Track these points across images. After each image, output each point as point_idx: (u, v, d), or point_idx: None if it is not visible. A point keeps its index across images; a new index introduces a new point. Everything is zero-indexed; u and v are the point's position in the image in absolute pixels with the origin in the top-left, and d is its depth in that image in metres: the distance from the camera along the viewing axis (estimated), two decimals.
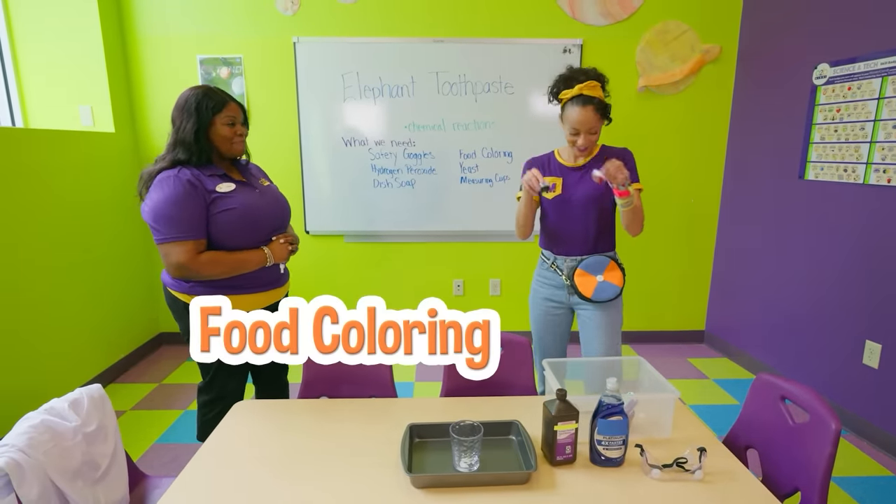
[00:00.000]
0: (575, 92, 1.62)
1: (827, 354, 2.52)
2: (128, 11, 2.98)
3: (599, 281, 1.73)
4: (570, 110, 1.65)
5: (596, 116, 1.63)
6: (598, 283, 1.73)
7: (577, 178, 1.74)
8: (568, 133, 1.68)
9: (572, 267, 1.76)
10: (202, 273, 1.48)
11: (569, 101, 1.65)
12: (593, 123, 1.64)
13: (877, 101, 2.22)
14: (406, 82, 3.04)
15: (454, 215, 3.22)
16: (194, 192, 1.46)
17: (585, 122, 1.63)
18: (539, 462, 1.15)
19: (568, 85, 1.65)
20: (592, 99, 1.62)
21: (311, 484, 1.09)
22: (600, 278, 1.73)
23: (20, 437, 1.06)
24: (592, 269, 1.74)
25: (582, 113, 1.62)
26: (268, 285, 1.64)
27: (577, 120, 1.63)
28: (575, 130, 1.65)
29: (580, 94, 1.62)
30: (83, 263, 2.70)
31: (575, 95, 1.63)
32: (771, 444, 1.30)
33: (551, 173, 1.77)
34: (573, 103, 1.63)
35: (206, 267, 1.48)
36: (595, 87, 1.63)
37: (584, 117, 1.62)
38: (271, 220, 1.64)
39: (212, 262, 1.49)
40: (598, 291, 1.73)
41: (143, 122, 3.11)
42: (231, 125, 1.55)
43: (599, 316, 1.76)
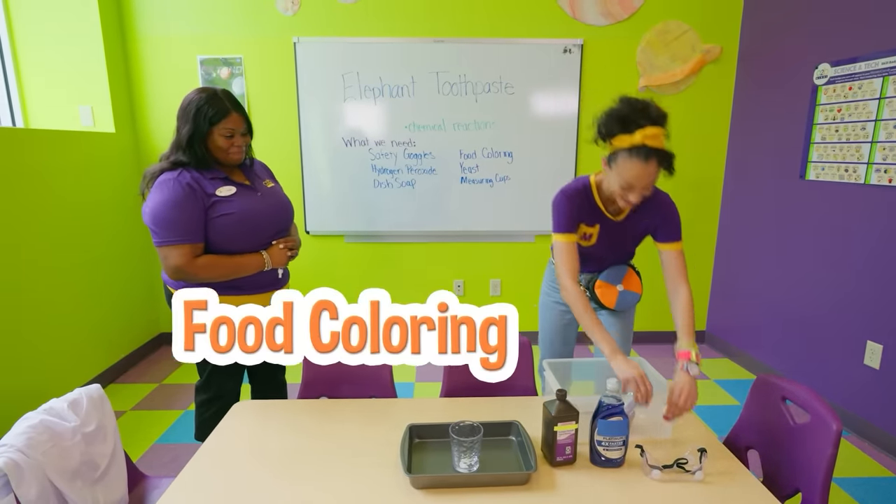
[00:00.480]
0: (636, 141, 1.31)
1: (828, 355, 2.51)
2: (128, 12, 2.98)
3: (620, 291, 1.67)
4: (626, 162, 1.34)
5: (657, 171, 1.35)
6: (619, 292, 1.67)
7: (615, 229, 1.58)
8: (618, 185, 1.39)
9: (591, 279, 1.69)
10: (199, 276, 1.48)
11: (625, 149, 1.34)
12: (652, 180, 1.36)
13: (878, 101, 2.21)
14: (406, 82, 3.04)
15: (454, 215, 3.21)
16: (193, 196, 1.46)
17: (643, 179, 1.34)
18: (539, 463, 1.14)
19: (626, 128, 1.33)
20: (657, 151, 1.31)
21: (311, 484, 1.09)
22: (621, 288, 1.67)
23: (19, 437, 1.06)
24: (612, 278, 1.68)
25: (643, 169, 1.32)
26: (265, 288, 1.63)
27: (635, 176, 1.34)
28: (629, 185, 1.37)
29: (643, 145, 1.31)
30: (84, 263, 2.70)
31: (636, 146, 1.32)
32: (772, 444, 1.29)
33: (591, 220, 1.56)
34: (632, 155, 1.32)
35: (202, 270, 1.48)
36: (659, 136, 1.32)
37: (644, 174, 1.33)
38: (272, 224, 1.62)
39: (208, 265, 1.49)
40: (620, 301, 1.68)
41: (143, 122, 3.11)
42: (229, 136, 1.51)
43: (612, 318, 1.73)
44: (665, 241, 1.54)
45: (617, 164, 1.37)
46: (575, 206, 1.53)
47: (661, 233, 1.55)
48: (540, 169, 3.16)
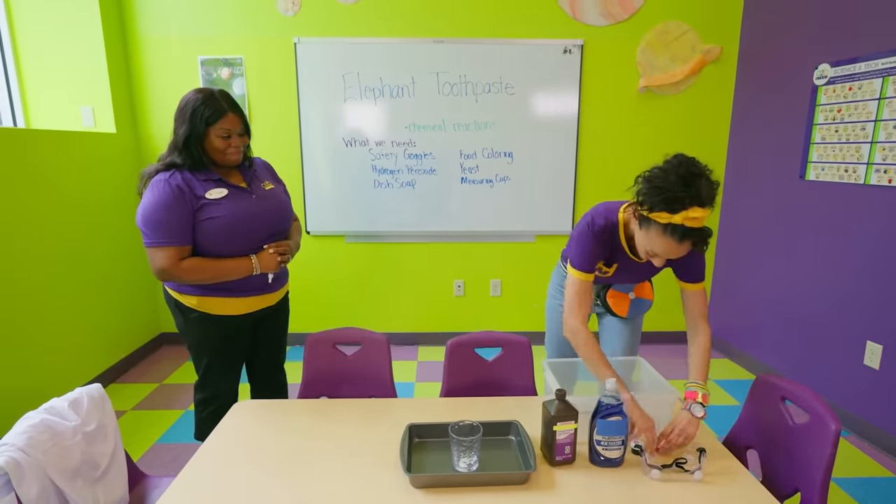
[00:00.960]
0: (676, 220, 1.19)
1: (827, 355, 2.51)
2: (129, 12, 2.98)
3: (632, 298, 1.66)
4: (658, 236, 1.24)
5: (688, 249, 1.25)
6: (631, 300, 1.66)
7: (634, 267, 1.52)
8: (643, 247, 1.31)
9: (603, 288, 1.67)
10: (184, 279, 1.48)
11: (661, 224, 1.22)
12: (681, 255, 1.28)
13: (877, 102, 2.21)
14: (406, 83, 3.05)
15: (455, 216, 3.22)
16: (182, 198, 1.45)
17: (672, 254, 1.27)
18: (538, 462, 1.15)
19: (669, 207, 1.19)
20: (694, 233, 1.20)
21: (311, 484, 1.09)
22: (632, 296, 1.66)
23: (20, 436, 1.06)
24: (624, 287, 1.66)
25: (675, 247, 1.24)
26: (254, 291, 1.62)
27: (663, 251, 1.26)
28: (655, 254, 1.30)
29: (681, 225, 1.20)
30: (84, 263, 2.71)
31: (674, 224, 1.20)
32: (771, 444, 1.30)
33: (612, 259, 1.50)
34: (666, 231, 1.21)
35: (187, 273, 1.47)
36: (701, 219, 1.20)
37: (673, 250, 1.25)
38: (265, 228, 1.60)
39: (193, 269, 1.48)
40: (632, 309, 1.67)
41: (144, 122, 3.12)
42: (226, 137, 1.50)
43: (622, 321, 1.71)
44: (688, 281, 1.45)
45: (649, 232, 1.26)
46: (598, 246, 1.44)
47: (685, 273, 1.45)
48: (540, 169, 3.17)
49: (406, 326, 3.40)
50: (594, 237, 1.42)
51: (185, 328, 1.62)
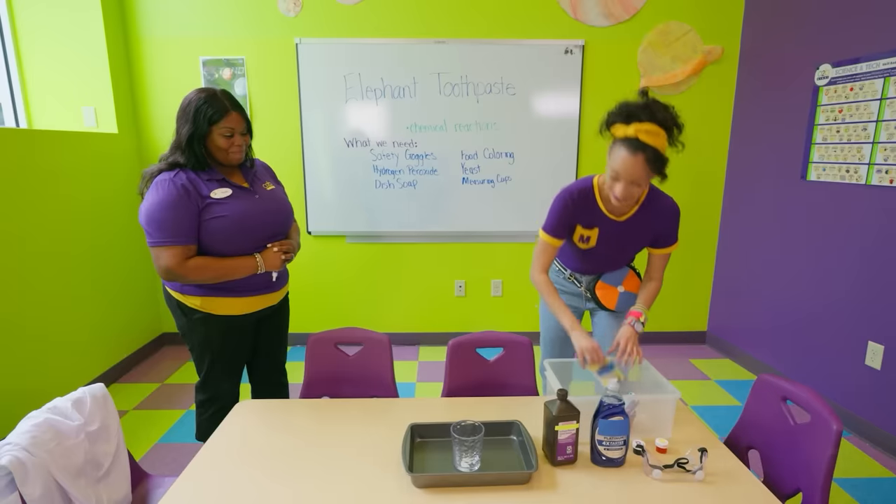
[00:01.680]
0: (629, 133, 1.32)
1: (829, 355, 2.51)
2: (131, 13, 2.99)
3: (621, 292, 1.69)
4: (617, 151, 1.36)
5: (644, 169, 1.33)
6: (620, 293, 1.69)
7: (615, 231, 1.56)
8: (608, 175, 1.41)
9: (592, 280, 1.71)
10: (189, 278, 1.48)
11: (620, 139, 1.35)
12: (639, 176, 1.34)
13: (879, 102, 2.21)
14: (408, 83, 3.05)
15: (456, 216, 3.22)
16: (187, 198, 1.46)
17: (628, 171, 1.34)
18: (540, 462, 1.15)
19: (625, 120, 1.34)
20: (647, 148, 1.31)
21: (313, 483, 1.10)
22: (621, 289, 1.69)
23: (23, 435, 1.07)
24: (612, 280, 1.70)
25: (629, 160, 1.33)
26: (258, 290, 1.63)
27: (620, 165, 1.35)
28: (616, 175, 1.37)
29: (635, 138, 1.31)
30: (86, 264, 2.71)
31: (629, 137, 1.32)
32: (772, 444, 1.30)
33: (590, 223, 1.55)
34: (623, 145, 1.34)
35: (193, 272, 1.48)
36: (656, 135, 1.31)
37: (629, 165, 1.33)
38: (267, 227, 1.61)
39: (199, 268, 1.48)
40: (621, 302, 1.69)
41: (145, 123, 3.13)
42: (229, 136, 1.51)
43: (614, 318, 1.74)
44: (661, 247, 1.61)
45: (611, 154, 1.40)
46: (570, 210, 1.54)
47: (660, 240, 1.59)
48: (541, 169, 3.17)
49: (407, 326, 3.40)
50: (565, 202, 1.54)
51: (188, 329, 1.62)
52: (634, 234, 1.58)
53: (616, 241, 1.59)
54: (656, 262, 1.62)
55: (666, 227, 1.56)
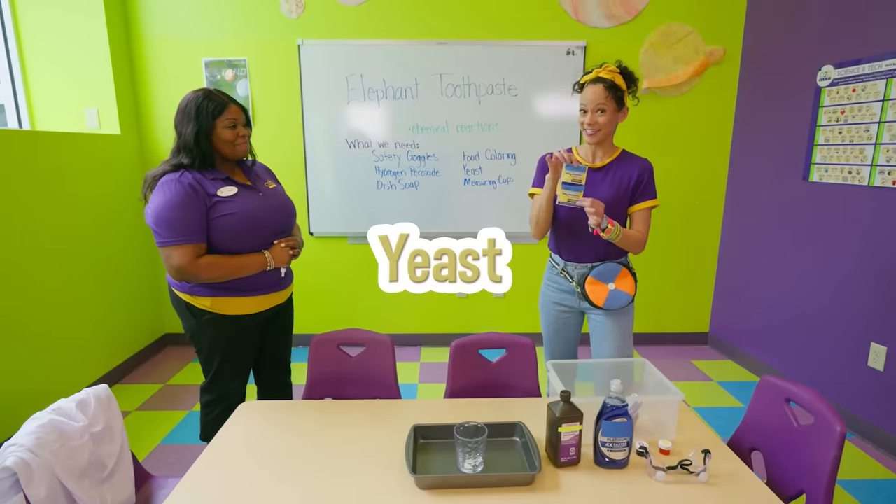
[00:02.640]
0: (592, 76, 1.66)
1: (832, 357, 2.51)
2: (133, 14, 3.00)
3: (611, 289, 1.69)
4: (583, 92, 1.68)
5: (604, 94, 1.62)
6: (610, 291, 1.69)
7: (594, 179, 1.69)
8: (579, 116, 1.69)
9: (583, 274, 1.71)
10: (201, 276, 1.49)
11: (583, 83, 1.69)
12: (600, 101, 1.62)
13: (881, 103, 2.21)
14: (409, 84, 3.05)
15: (458, 217, 3.22)
16: (195, 197, 1.47)
17: (593, 99, 1.63)
18: (543, 463, 1.15)
19: (588, 72, 1.70)
20: (604, 79, 1.63)
21: (316, 484, 1.10)
22: (612, 286, 1.69)
23: (28, 436, 1.07)
24: (604, 276, 1.69)
25: (591, 90, 1.64)
26: (268, 288, 1.64)
27: (585, 97, 1.65)
28: (583, 107, 1.66)
29: (596, 76, 1.64)
30: (89, 264, 2.72)
31: (591, 79, 1.65)
32: (775, 446, 1.30)
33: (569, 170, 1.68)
34: (586, 84, 1.67)
35: (205, 270, 1.48)
36: (612, 72, 1.64)
37: (591, 94, 1.63)
38: (273, 224, 1.63)
39: (211, 265, 1.49)
40: (610, 300, 1.69)
41: (148, 124, 3.13)
42: (233, 127, 1.54)
43: (610, 320, 1.73)
44: (640, 200, 1.69)
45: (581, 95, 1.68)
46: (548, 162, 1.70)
47: (638, 193, 1.69)
48: None
49: (410, 328, 3.41)
50: (543, 156, 1.78)
51: (198, 330, 1.62)
52: (611, 182, 1.68)
53: (595, 188, 1.67)
54: (637, 218, 1.70)
55: (639, 179, 1.68)
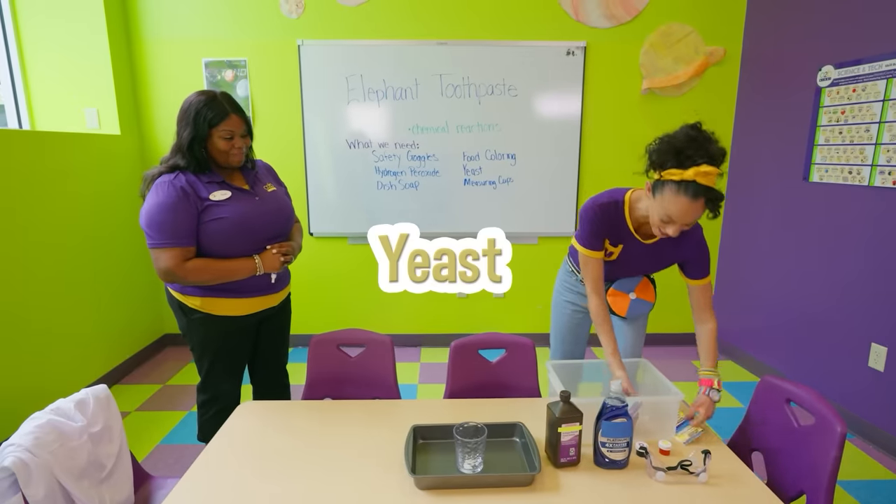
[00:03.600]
0: (688, 177, 1.25)
1: (832, 357, 2.51)
2: (133, 15, 3.00)
3: (632, 299, 1.65)
4: (673, 196, 1.28)
5: (703, 210, 1.29)
6: (632, 300, 1.65)
7: (640, 252, 1.53)
8: (658, 216, 1.34)
9: (606, 285, 1.66)
10: (188, 279, 1.49)
11: (674, 182, 1.27)
12: (696, 218, 1.30)
13: (882, 103, 2.21)
14: (409, 85, 3.05)
15: (458, 217, 3.22)
16: (186, 200, 1.46)
17: (689, 217, 1.28)
18: (543, 464, 1.15)
19: (679, 163, 1.26)
20: (707, 191, 1.26)
21: (315, 485, 1.10)
22: (633, 296, 1.65)
23: (27, 436, 1.07)
24: (625, 287, 1.65)
25: (689, 206, 1.26)
26: (259, 291, 1.63)
27: (678, 212, 1.28)
28: (670, 219, 1.32)
29: (693, 181, 1.25)
30: (88, 264, 2.72)
31: (686, 181, 1.26)
32: (776, 446, 1.29)
33: (617, 240, 1.52)
34: (680, 189, 1.26)
35: (192, 274, 1.48)
36: (712, 176, 1.25)
37: (689, 211, 1.27)
38: (267, 229, 1.61)
39: (198, 269, 1.48)
40: (632, 309, 1.66)
41: (148, 124, 3.13)
42: (229, 139, 1.51)
43: (626, 322, 1.71)
44: (695, 277, 1.52)
45: (663, 195, 1.30)
46: (602, 222, 1.49)
47: (691, 269, 1.52)
48: (543, 171, 3.17)
49: (410, 328, 3.40)
50: (598, 214, 1.49)
51: (188, 329, 1.62)
52: (658, 257, 1.55)
53: (637, 260, 1.56)
54: (698, 295, 1.52)
55: (693, 256, 1.50)
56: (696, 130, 1.28)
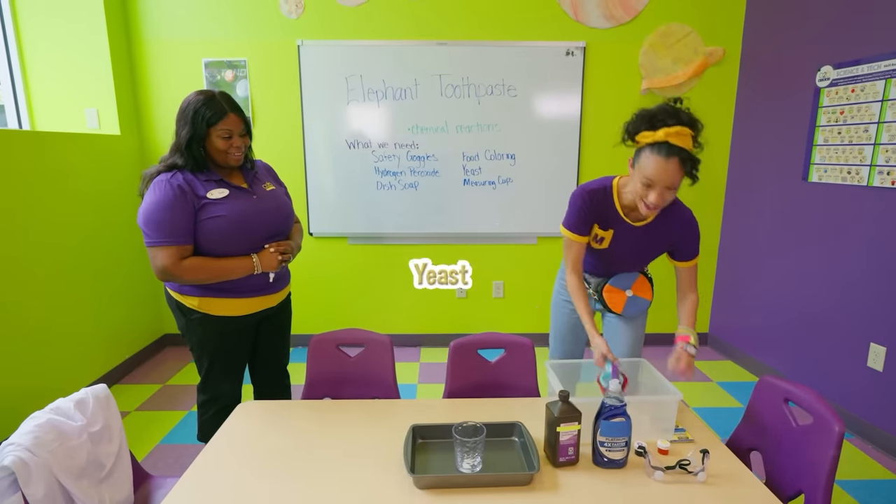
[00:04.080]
0: (659, 137, 1.33)
1: (831, 357, 2.51)
2: (133, 15, 3.00)
3: (629, 296, 1.67)
4: (647, 158, 1.35)
5: (679, 172, 1.34)
6: (628, 297, 1.67)
7: (630, 236, 1.55)
8: (639, 183, 1.38)
9: (600, 282, 1.69)
10: (185, 278, 1.49)
11: (648, 146, 1.35)
12: (674, 179, 1.34)
13: (880, 104, 2.21)
14: (409, 85, 3.06)
15: (457, 217, 3.22)
16: (183, 199, 1.46)
17: (665, 176, 1.33)
18: (542, 463, 1.15)
19: (651, 126, 1.35)
20: (680, 150, 1.33)
21: (315, 484, 1.10)
22: (629, 293, 1.67)
23: (26, 436, 1.07)
24: (621, 283, 1.67)
25: (662, 165, 1.33)
26: (257, 291, 1.63)
27: (654, 172, 1.34)
28: (649, 182, 1.36)
29: (665, 142, 1.32)
30: (88, 264, 2.72)
31: (658, 142, 1.33)
32: (774, 446, 1.30)
33: (606, 224, 1.55)
34: (653, 150, 1.34)
35: (188, 273, 1.48)
36: (685, 136, 1.33)
37: (663, 170, 1.33)
38: (265, 228, 1.60)
39: (194, 268, 1.48)
40: (628, 307, 1.67)
41: (147, 124, 3.13)
42: (227, 138, 1.51)
43: (624, 322, 1.72)
44: (684, 259, 1.57)
45: (639, 162, 1.38)
46: (590, 207, 1.52)
47: (680, 252, 1.56)
48: (542, 171, 3.17)
49: (409, 328, 3.41)
50: (584, 198, 1.53)
51: (187, 329, 1.62)
52: (649, 241, 1.57)
53: (630, 246, 1.58)
54: (685, 275, 1.58)
55: (683, 238, 1.54)
56: (666, 102, 1.39)
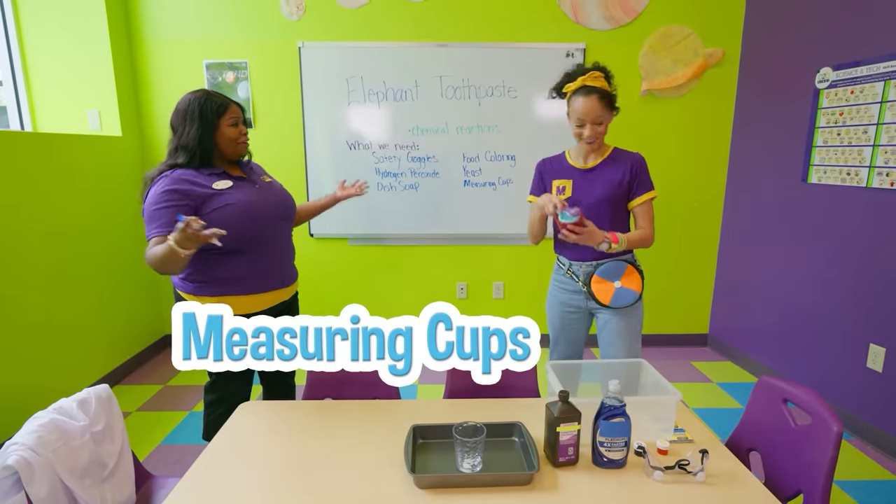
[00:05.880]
0: (578, 84, 1.65)
1: (830, 358, 2.51)
2: (135, 17, 3.01)
3: (617, 287, 1.70)
4: (574, 102, 1.66)
5: (600, 105, 1.63)
6: (616, 289, 1.69)
7: (588, 180, 1.73)
8: (574, 126, 1.68)
9: (589, 273, 1.72)
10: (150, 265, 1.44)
11: (573, 93, 1.66)
12: (598, 113, 1.63)
13: (879, 105, 2.22)
14: (410, 86, 3.06)
15: (457, 218, 3.23)
16: (182, 192, 1.48)
17: (589, 111, 1.63)
18: (541, 463, 1.15)
19: (571, 78, 1.67)
20: (596, 88, 1.63)
21: (316, 484, 1.10)
22: (618, 284, 1.70)
23: (29, 435, 1.08)
24: (609, 274, 1.70)
25: (585, 103, 1.63)
26: (275, 286, 1.65)
27: (580, 110, 1.63)
28: (580, 121, 1.65)
29: (583, 86, 1.64)
30: (90, 265, 2.73)
31: (578, 87, 1.65)
32: (773, 446, 1.30)
33: (562, 176, 1.77)
34: (577, 95, 1.65)
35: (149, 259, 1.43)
36: (598, 78, 1.64)
37: (587, 107, 1.63)
38: (271, 214, 1.65)
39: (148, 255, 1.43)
40: (616, 298, 1.69)
41: (149, 125, 3.14)
42: (235, 125, 1.58)
43: (618, 321, 1.73)
44: (638, 194, 1.72)
45: (570, 108, 1.68)
46: (543, 168, 1.82)
47: (635, 186, 1.71)
48: None
49: None
50: (538, 163, 1.85)
51: None
52: (605, 182, 1.71)
53: (590, 189, 1.71)
54: (639, 213, 1.73)
55: (633, 174, 1.70)
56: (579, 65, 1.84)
